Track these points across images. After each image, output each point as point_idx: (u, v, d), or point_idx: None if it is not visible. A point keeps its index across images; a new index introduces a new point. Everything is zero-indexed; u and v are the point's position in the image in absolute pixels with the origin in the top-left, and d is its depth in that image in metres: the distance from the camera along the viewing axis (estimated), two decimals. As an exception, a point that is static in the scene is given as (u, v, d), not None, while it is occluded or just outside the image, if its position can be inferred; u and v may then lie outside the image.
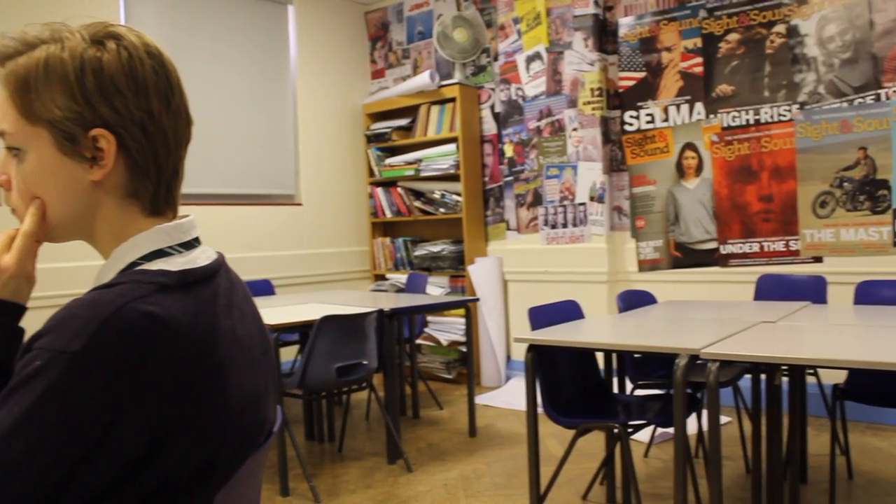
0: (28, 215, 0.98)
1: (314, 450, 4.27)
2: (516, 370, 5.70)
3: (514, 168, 5.74)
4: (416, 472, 3.79)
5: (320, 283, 6.09)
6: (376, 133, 6.40)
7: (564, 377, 3.07)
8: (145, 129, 0.95)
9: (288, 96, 6.08)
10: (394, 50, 6.59)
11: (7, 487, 0.79)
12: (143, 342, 0.83)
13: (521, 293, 5.69)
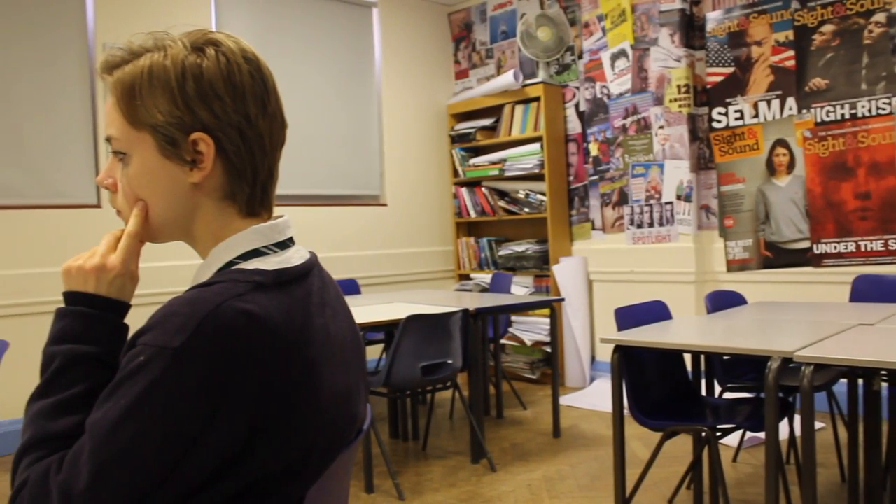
0: (132, 216, 1.02)
1: (398, 448, 4.32)
2: (601, 371, 5.64)
3: (599, 167, 5.68)
4: (499, 471, 3.79)
5: (405, 283, 6.15)
6: (460, 133, 6.42)
7: (651, 379, 3.03)
8: (242, 132, 0.98)
9: (373, 98, 6.16)
10: (477, 50, 6.60)
11: (114, 476, 0.83)
12: (240, 339, 0.86)
13: (607, 293, 5.63)
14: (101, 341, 0.97)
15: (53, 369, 0.95)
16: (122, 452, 0.83)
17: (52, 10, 4.59)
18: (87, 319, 0.98)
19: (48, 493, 0.85)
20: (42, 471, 0.87)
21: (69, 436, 0.90)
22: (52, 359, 0.96)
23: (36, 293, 4.42)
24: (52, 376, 0.95)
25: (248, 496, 0.90)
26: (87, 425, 0.87)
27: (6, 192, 4.40)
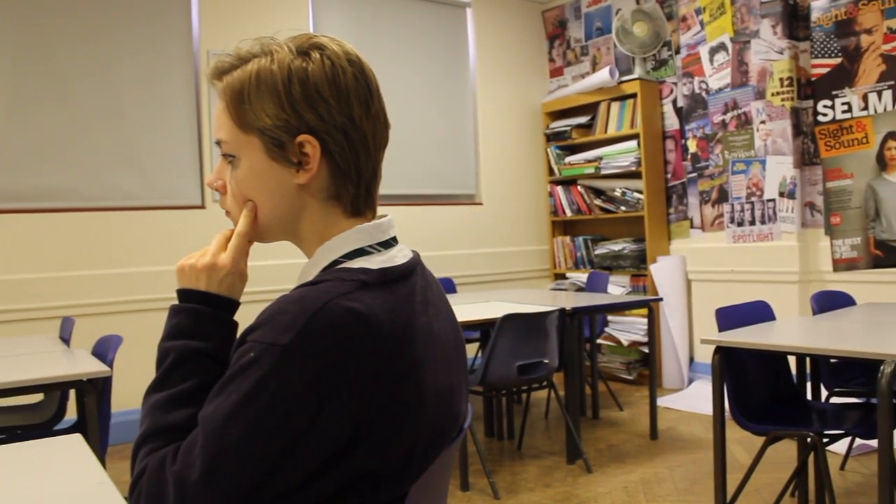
0: (242, 217, 1.05)
1: (493, 447, 4.33)
2: (700, 372, 5.51)
3: (697, 164, 5.55)
4: (595, 472, 3.76)
5: (500, 282, 6.15)
6: (556, 131, 6.39)
7: (754, 381, 2.95)
8: (347, 133, 1.00)
9: (468, 97, 6.19)
10: (572, 47, 6.55)
11: (225, 468, 0.86)
12: (347, 336, 0.88)
13: (706, 293, 5.50)
14: (213, 337, 1.01)
15: (168, 364, 1.00)
16: (232, 445, 0.86)
17: (159, 19, 4.79)
18: (199, 316, 1.02)
19: (164, 481, 0.89)
20: (159, 460, 0.91)
21: (183, 428, 0.94)
22: (167, 354, 1.01)
23: (146, 290, 4.63)
24: (166, 371, 1.00)
25: (353, 491, 0.92)
26: (199, 418, 0.91)
27: (120, 195, 4.63)
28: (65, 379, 2.62)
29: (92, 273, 4.52)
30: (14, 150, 4.37)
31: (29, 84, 4.42)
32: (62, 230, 4.47)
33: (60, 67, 4.50)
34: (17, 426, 3.32)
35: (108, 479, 1.40)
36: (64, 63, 4.51)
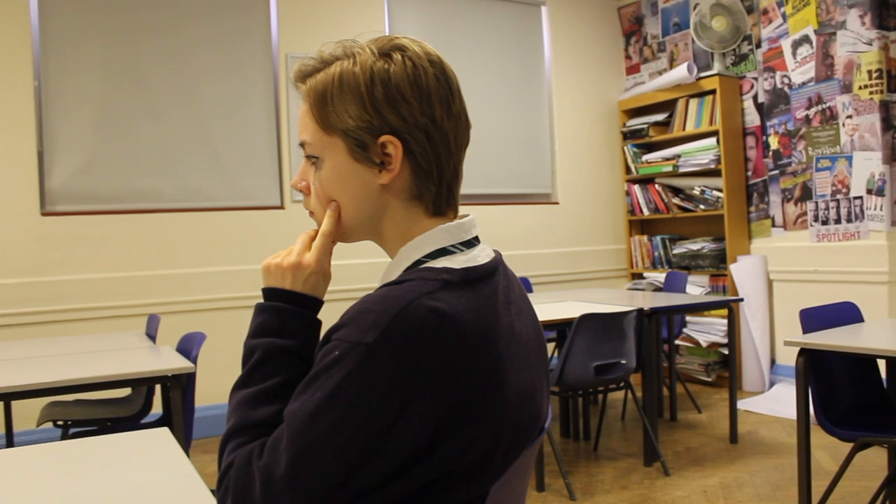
0: (326, 217, 1.07)
1: (569, 447, 4.30)
2: (782, 375, 5.36)
3: (779, 161, 5.40)
4: (673, 476, 3.69)
5: (576, 281, 6.10)
6: (632, 129, 6.30)
7: (840, 385, 2.85)
8: (429, 134, 1.01)
9: (543, 96, 6.16)
10: (649, 44, 6.45)
11: (310, 464, 0.88)
12: (430, 336, 0.89)
13: (788, 294, 5.35)
14: (297, 335, 1.03)
15: (254, 361, 1.02)
16: (317, 442, 0.88)
17: (240, 28, 4.91)
18: (283, 314, 1.04)
19: (251, 476, 0.91)
20: (245, 455, 0.93)
21: (269, 424, 0.96)
22: (253, 351, 1.03)
23: (228, 289, 4.76)
24: (252, 368, 1.02)
25: (435, 490, 0.92)
26: (285, 415, 0.92)
27: (203, 197, 4.77)
28: (151, 374, 2.71)
29: (176, 272, 4.66)
30: (105, 156, 4.55)
31: (119, 95, 4.59)
32: (149, 231, 4.63)
33: (147, 79, 4.66)
34: (107, 419, 3.44)
35: (194, 471, 1.44)
36: (151, 75, 4.67)
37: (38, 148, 4.42)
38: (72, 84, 4.50)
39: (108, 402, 3.67)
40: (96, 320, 4.42)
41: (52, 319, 4.36)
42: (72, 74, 4.50)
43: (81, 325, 4.38)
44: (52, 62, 4.47)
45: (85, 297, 4.45)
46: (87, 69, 4.54)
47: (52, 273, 4.41)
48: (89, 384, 2.63)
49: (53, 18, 4.47)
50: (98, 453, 1.64)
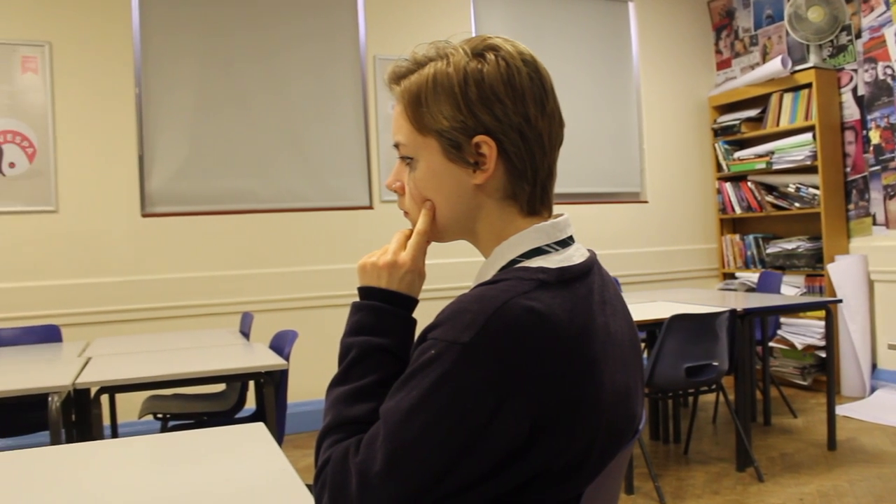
0: (421, 217, 1.08)
1: (658, 450, 4.22)
2: (884, 380, 5.14)
3: (881, 156, 5.18)
4: (767, 482, 3.59)
5: (666, 281, 5.99)
6: (724, 126, 6.15)
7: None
8: (523, 133, 1.01)
9: (631, 93, 6.07)
10: (740, 38, 6.28)
11: (406, 461, 0.89)
12: (526, 335, 0.88)
13: (891, 295, 5.13)
14: (393, 334, 1.04)
15: (350, 359, 1.04)
16: (413, 439, 0.89)
17: (329, 32, 5.01)
18: (379, 313, 1.05)
19: (348, 471, 0.92)
20: (342, 452, 0.95)
21: (365, 421, 0.97)
22: (349, 349, 1.04)
23: (319, 287, 4.87)
24: (348, 365, 1.03)
25: (529, 490, 0.92)
26: (381, 412, 0.93)
27: (294, 197, 4.89)
28: (246, 371, 2.79)
29: (269, 271, 4.79)
30: (200, 159, 4.71)
31: (213, 97, 4.74)
32: (242, 231, 4.77)
33: (239, 85, 4.81)
34: (204, 413, 3.56)
35: (289, 465, 1.47)
36: (242, 80, 4.82)
37: (138, 152, 4.61)
38: (169, 91, 4.68)
39: (203, 397, 3.79)
40: (192, 317, 4.58)
41: (151, 316, 4.53)
42: (169, 82, 4.68)
43: (178, 322, 4.54)
44: (152, 71, 4.65)
45: (182, 295, 4.61)
46: (183, 76, 4.71)
47: (152, 272, 4.59)
48: (187, 379, 2.72)
49: (153, 30, 4.66)
50: (197, 446, 1.70)
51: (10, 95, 4.42)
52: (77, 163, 4.51)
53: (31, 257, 4.41)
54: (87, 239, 4.50)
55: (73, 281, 4.46)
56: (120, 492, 1.40)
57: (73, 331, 4.16)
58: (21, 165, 4.42)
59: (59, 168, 4.47)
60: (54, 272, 4.44)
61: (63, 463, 1.61)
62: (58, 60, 4.50)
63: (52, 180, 4.46)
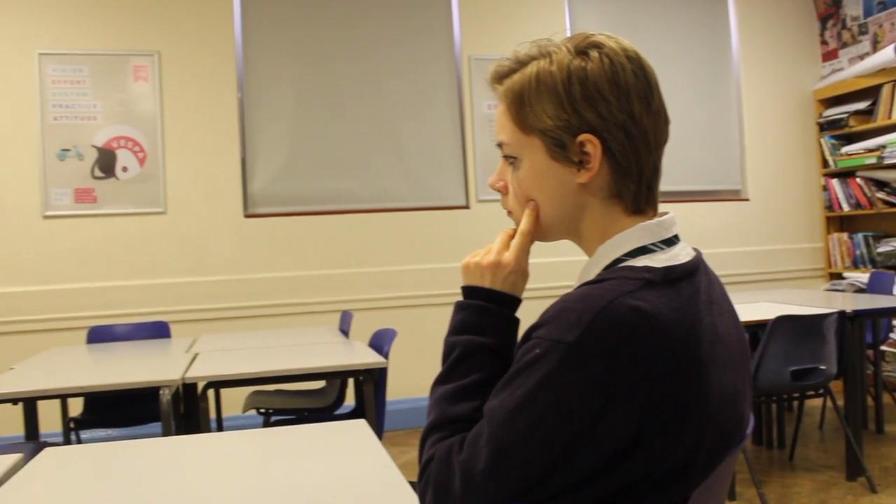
0: (525, 216, 1.08)
1: (762, 455, 4.10)
2: None
3: None
4: (881, 493, 3.43)
5: (768, 282, 5.81)
6: (830, 120, 5.91)
7: None
8: (628, 131, 1.00)
9: (731, 88, 5.90)
10: (848, 27, 6.02)
11: (510, 460, 0.89)
12: (632, 335, 0.87)
13: None
14: (496, 333, 1.05)
15: (453, 358, 1.04)
16: (517, 439, 0.89)
17: (425, 31, 5.06)
18: (483, 312, 1.06)
19: (451, 469, 0.94)
20: (446, 449, 0.96)
21: (468, 419, 0.98)
22: (453, 348, 1.05)
23: (417, 287, 4.93)
24: (452, 364, 1.04)
25: (635, 492, 0.91)
26: (485, 411, 0.94)
27: (392, 197, 4.96)
28: (346, 368, 2.84)
29: (367, 270, 4.88)
30: (300, 160, 4.83)
31: (312, 100, 4.86)
32: (341, 230, 4.88)
33: (338, 82, 4.91)
34: (304, 409, 3.64)
35: (392, 462, 1.49)
36: (340, 82, 4.92)
37: (241, 155, 4.76)
38: (269, 95, 4.81)
39: (304, 393, 3.88)
40: (293, 315, 4.70)
41: (254, 314, 4.68)
42: (269, 86, 4.82)
43: (280, 319, 4.67)
44: (253, 76, 4.80)
45: (283, 294, 4.74)
46: (283, 80, 4.84)
47: (254, 271, 4.73)
48: (289, 376, 2.80)
49: (254, 37, 4.80)
50: (301, 441, 1.74)
51: (124, 103, 4.64)
52: (184, 166, 4.70)
53: (142, 257, 4.62)
54: (193, 239, 4.69)
55: (181, 279, 4.65)
56: (229, 483, 1.45)
57: (180, 327, 4.32)
58: (133, 169, 4.63)
59: (167, 171, 4.67)
60: (163, 271, 4.64)
61: (174, 453, 1.68)
62: (166, 68, 4.69)
63: (160, 183, 4.66)
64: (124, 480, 1.48)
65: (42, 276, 4.51)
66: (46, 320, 4.46)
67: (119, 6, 4.66)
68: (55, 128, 4.56)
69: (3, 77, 4.52)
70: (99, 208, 4.59)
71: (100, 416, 3.77)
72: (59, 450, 1.73)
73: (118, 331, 4.09)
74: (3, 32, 4.52)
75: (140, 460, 1.62)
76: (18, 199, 4.50)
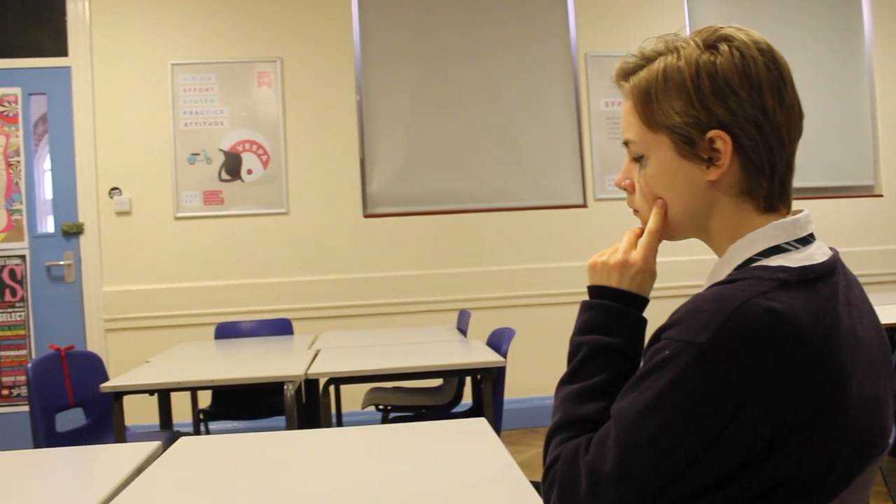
0: (652, 215, 1.06)
1: None
2: None
3: None
4: None
5: (905, 283, 5.50)
6: (974, 110, 5.54)
7: None
8: (760, 126, 0.97)
9: (862, 78, 5.60)
10: None
11: (637, 463, 0.87)
12: (766, 338, 0.84)
13: None
14: (623, 333, 1.03)
15: (580, 358, 1.03)
16: (645, 441, 0.87)
17: (540, 29, 5.04)
18: (609, 312, 1.04)
19: (577, 470, 0.92)
20: (572, 450, 0.95)
21: (594, 420, 0.97)
22: (579, 348, 1.04)
23: (532, 286, 4.93)
24: (578, 364, 1.03)
25: (767, 501, 0.87)
26: (612, 412, 0.93)
27: (508, 196, 4.98)
28: (465, 367, 2.86)
29: (484, 269, 4.90)
30: (417, 160, 4.91)
31: (428, 101, 4.93)
32: (458, 230, 4.92)
33: (454, 83, 4.96)
34: (422, 406, 3.69)
35: (513, 461, 1.49)
36: (456, 82, 4.97)
37: (360, 156, 4.87)
38: (387, 97, 4.92)
39: (421, 391, 3.93)
40: (411, 314, 4.78)
41: (373, 312, 4.78)
42: (387, 88, 4.92)
43: (398, 318, 4.75)
44: (371, 78, 4.91)
45: (401, 293, 4.83)
46: (400, 82, 4.93)
47: (373, 270, 4.84)
48: (407, 373, 2.83)
49: (372, 40, 4.92)
50: (421, 438, 1.76)
51: (248, 108, 4.83)
52: (305, 168, 4.85)
53: (266, 256, 4.79)
54: (315, 239, 4.83)
55: (302, 278, 4.80)
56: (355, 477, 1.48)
57: (302, 324, 4.45)
58: (257, 172, 4.82)
59: (289, 173, 4.83)
60: (285, 270, 4.80)
61: (299, 447, 1.73)
62: (288, 74, 4.85)
63: (283, 184, 4.82)
64: (253, 471, 1.53)
65: (174, 274, 4.75)
66: (178, 316, 4.70)
67: (244, 16, 4.86)
68: (186, 133, 4.79)
69: (141, 87, 4.79)
70: (225, 209, 4.79)
71: (226, 408, 3.94)
72: (193, 439, 1.82)
73: (244, 327, 4.26)
74: (140, 46, 4.79)
75: (268, 452, 1.68)
76: (153, 202, 4.76)
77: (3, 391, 4.67)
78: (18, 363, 4.66)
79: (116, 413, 2.65)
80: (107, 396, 2.69)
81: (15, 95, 4.74)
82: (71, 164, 4.75)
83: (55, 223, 4.77)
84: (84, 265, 4.72)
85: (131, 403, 2.74)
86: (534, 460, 3.99)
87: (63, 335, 4.48)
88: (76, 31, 4.75)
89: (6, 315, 4.69)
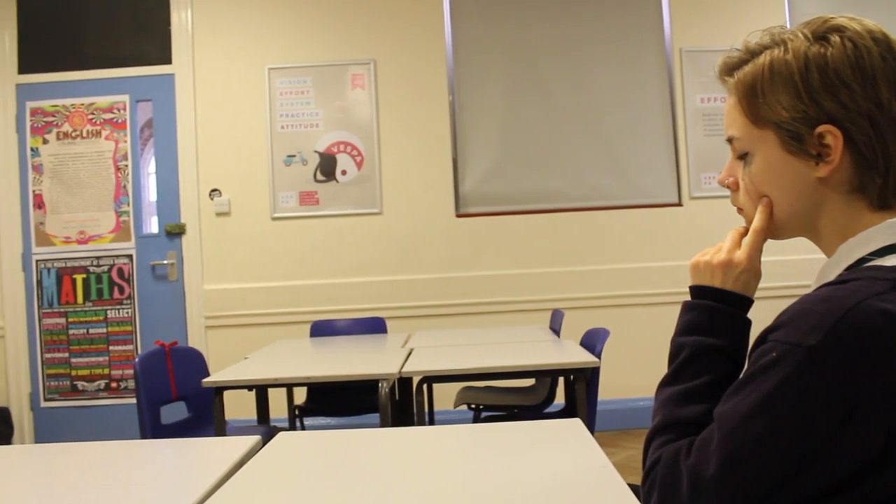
0: (757, 213, 1.03)
1: None
2: None
3: None
4: None
5: None
6: None
7: None
8: (874, 120, 0.92)
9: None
10: None
11: (742, 468, 0.85)
12: (882, 340, 0.81)
13: None
14: (726, 334, 1.01)
15: (681, 359, 1.02)
16: (750, 445, 0.84)
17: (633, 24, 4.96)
18: (712, 313, 1.02)
19: (679, 474, 0.91)
20: (673, 453, 0.93)
21: (696, 422, 0.95)
22: (681, 349, 1.02)
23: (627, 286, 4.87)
24: (679, 366, 1.01)
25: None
26: (715, 415, 0.90)
27: (602, 195, 4.92)
28: (558, 367, 2.85)
29: (578, 269, 4.86)
30: (509, 160, 4.91)
31: (520, 100, 4.92)
32: (551, 229, 4.90)
33: (545, 81, 4.93)
34: (514, 405, 3.68)
35: (609, 463, 1.47)
36: (548, 80, 4.94)
37: (452, 156, 4.90)
38: (479, 97, 4.92)
39: (514, 390, 3.92)
40: (503, 313, 4.78)
41: (465, 311, 4.80)
42: (479, 88, 4.93)
43: (490, 317, 4.76)
44: (463, 79, 4.92)
45: (493, 292, 4.83)
46: (492, 82, 4.93)
47: (465, 269, 4.86)
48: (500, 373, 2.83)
49: (464, 41, 4.94)
50: (515, 438, 1.75)
51: (343, 110, 4.92)
52: (398, 168, 4.91)
53: (360, 255, 4.88)
54: (408, 238, 4.88)
55: (396, 277, 4.86)
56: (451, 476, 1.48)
57: (395, 323, 4.50)
58: (351, 172, 4.90)
59: (383, 173, 4.90)
60: (379, 269, 4.87)
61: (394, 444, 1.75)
62: (381, 75, 4.92)
63: (377, 185, 4.89)
64: (350, 467, 1.56)
65: (271, 273, 4.88)
66: (274, 314, 4.82)
67: (337, 19, 4.95)
68: (282, 136, 4.91)
69: (240, 92, 4.94)
70: (321, 210, 4.89)
71: (321, 405, 4.02)
72: (291, 435, 1.86)
73: (338, 325, 4.34)
74: (239, 52, 4.94)
75: (363, 449, 1.70)
76: (252, 203, 4.90)
77: (113, 384, 4.89)
78: (126, 357, 4.87)
79: (217, 407, 2.74)
80: (208, 391, 2.77)
81: (123, 103, 4.96)
82: (174, 168, 4.95)
83: (159, 224, 4.97)
84: (186, 264, 4.90)
85: (230, 397, 2.83)
86: (627, 462, 3.92)
87: (166, 331, 4.65)
88: (179, 39, 4.94)
89: (115, 311, 4.91)
